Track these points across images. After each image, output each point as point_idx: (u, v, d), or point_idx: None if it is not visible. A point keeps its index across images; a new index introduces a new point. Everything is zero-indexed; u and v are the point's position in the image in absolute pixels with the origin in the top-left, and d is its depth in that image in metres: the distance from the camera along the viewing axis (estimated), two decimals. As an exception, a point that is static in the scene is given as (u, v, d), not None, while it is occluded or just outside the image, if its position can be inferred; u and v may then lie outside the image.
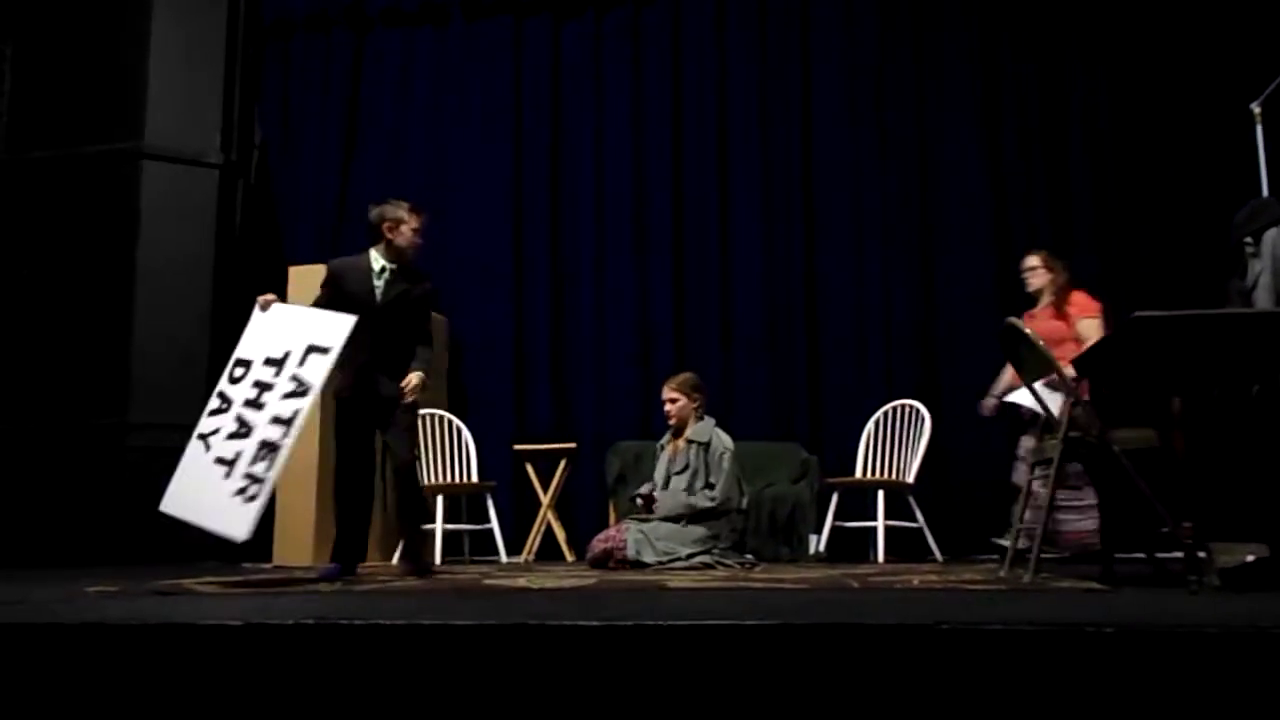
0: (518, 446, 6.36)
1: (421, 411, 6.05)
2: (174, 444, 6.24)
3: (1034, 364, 3.49)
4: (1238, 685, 1.69)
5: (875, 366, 6.47)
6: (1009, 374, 5.26)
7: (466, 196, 7.22)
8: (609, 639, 1.85)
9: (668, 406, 5.07)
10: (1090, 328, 5.10)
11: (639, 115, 7.06)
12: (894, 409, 5.91)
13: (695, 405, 5.06)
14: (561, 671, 1.84)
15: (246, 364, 4.07)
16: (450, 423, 6.16)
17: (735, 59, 7.00)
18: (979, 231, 6.48)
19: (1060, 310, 5.21)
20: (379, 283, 4.32)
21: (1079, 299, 5.22)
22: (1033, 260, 5.36)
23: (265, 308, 4.18)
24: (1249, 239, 3.71)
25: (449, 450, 6.08)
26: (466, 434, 6.15)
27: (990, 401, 5.35)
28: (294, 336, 4.04)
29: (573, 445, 6.27)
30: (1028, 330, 3.42)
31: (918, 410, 5.83)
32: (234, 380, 4.06)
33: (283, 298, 5.63)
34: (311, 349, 4.01)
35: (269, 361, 4.05)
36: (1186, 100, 6.20)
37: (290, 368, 3.98)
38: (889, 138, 6.70)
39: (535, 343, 6.95)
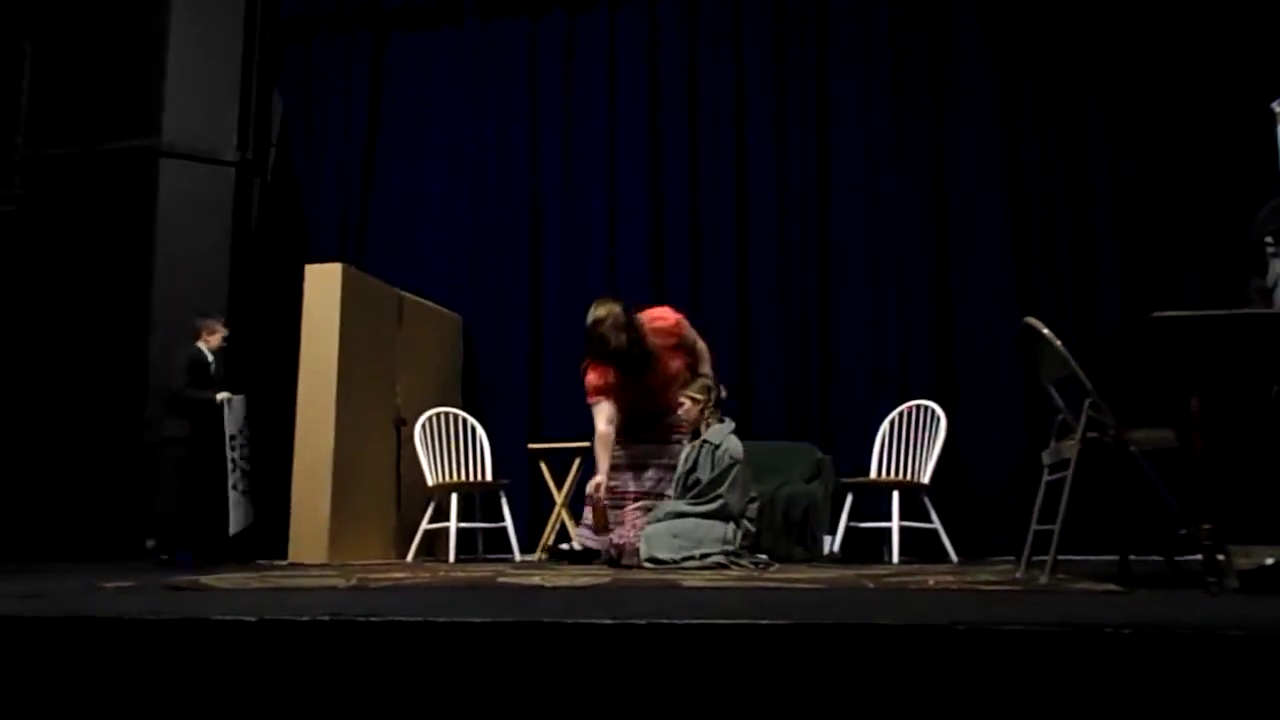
0: (532, 445, 6.36)
1: (437, 410, 6.10)
2: (191, 439, 6.30)
3: (1051, 364, 3.47)
4: (1258, 688, 1.67)
5: (891, 367, 6.45)
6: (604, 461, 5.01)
7: (483, 194, 7.24)
8: (623, 637, 1.84)
9: (678, 411, 5.04)
10: (689, 328, 4.99)
11: (654, 110, 7.07)
12: (909, 409, 5.88)
13: (702, 407, 5.01)
14: (575, 669, 1.84)
15: None
16: (465, 421, 6.17)
17: (751, 53, 6.98)
18: (996, 232, 6.44)
19: (663, 343, 4.97)
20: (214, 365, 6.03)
21: (655, 316, 4.97)
22: (601, 312, 4.93)
23: None
24: (1269, 238, 3.68)
25: (463, 448, 6.09)
26: (481, 432, 6.16)
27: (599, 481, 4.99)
28: None
29: (587, 444, 6.25)
30: (1044, 330, 3.39)
31: (933, 411, 5.80)
32: None
33: (298, 296, 5.70)
34: None
35: None
36: (1206, 99, 6.15)
37: None
38: (906, 136, 6.67)
39: (549, 341, 6.96)
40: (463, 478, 6.03)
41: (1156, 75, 6.33)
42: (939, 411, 5.78)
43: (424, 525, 5.80)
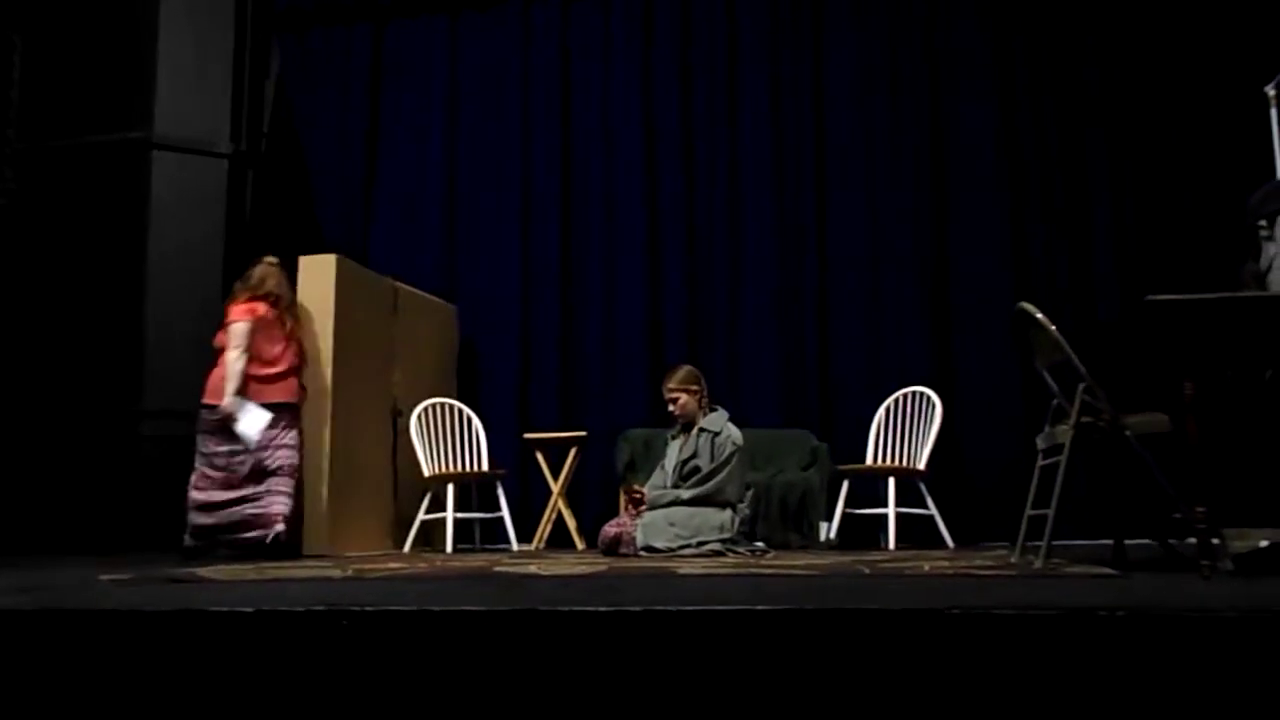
0: (527, 435, 6.36)
1: (432, 400, 6.10)
2: (186, 432, 6.32)
3: (1045, 349, 3.47)
4: (1252, 670, 1.68)
5: (886, 353, 6.45)
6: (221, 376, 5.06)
7: (478, 184, 7.23)
8: (619, 624, 1.85)
9: (672, 406, 5.04)
10: (236, 332, 5.02)
11: (649, 98, 7.06)
12: (905, 396, 5.89)
13: (699, 397, 5.02)
14: (572, 657, 1.85)
15: None
16: (460, 411, 6.16)
17: (745, 37, 6.96)
18: (993, 217, 6.44)
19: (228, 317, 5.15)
20: None
21: (237, 308, 5.11)
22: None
23: None
24: (1263, 222, 3.68)
25: (459, 439, 6.09)
26: (476, 423, 6.15)
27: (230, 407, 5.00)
28: None
29: (583, 433, 6.27)
30: (1039, 315, 3.39)
31: (929, 397, 5.81)
32: None
33: (292, 287, 5.67)
34: None
35: None
36: (1201, 84, 6.15)
37: None
38: (902, 122, 6.67)
39: (544, 330, 6.96)
40: (459, 468, 6.03)
41: (1152, 58, 6.33)
42: (934, 398, 5.79)
43: (420, 516, 5.80)
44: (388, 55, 7.52)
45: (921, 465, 5.67)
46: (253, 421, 5.01)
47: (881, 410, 5.93)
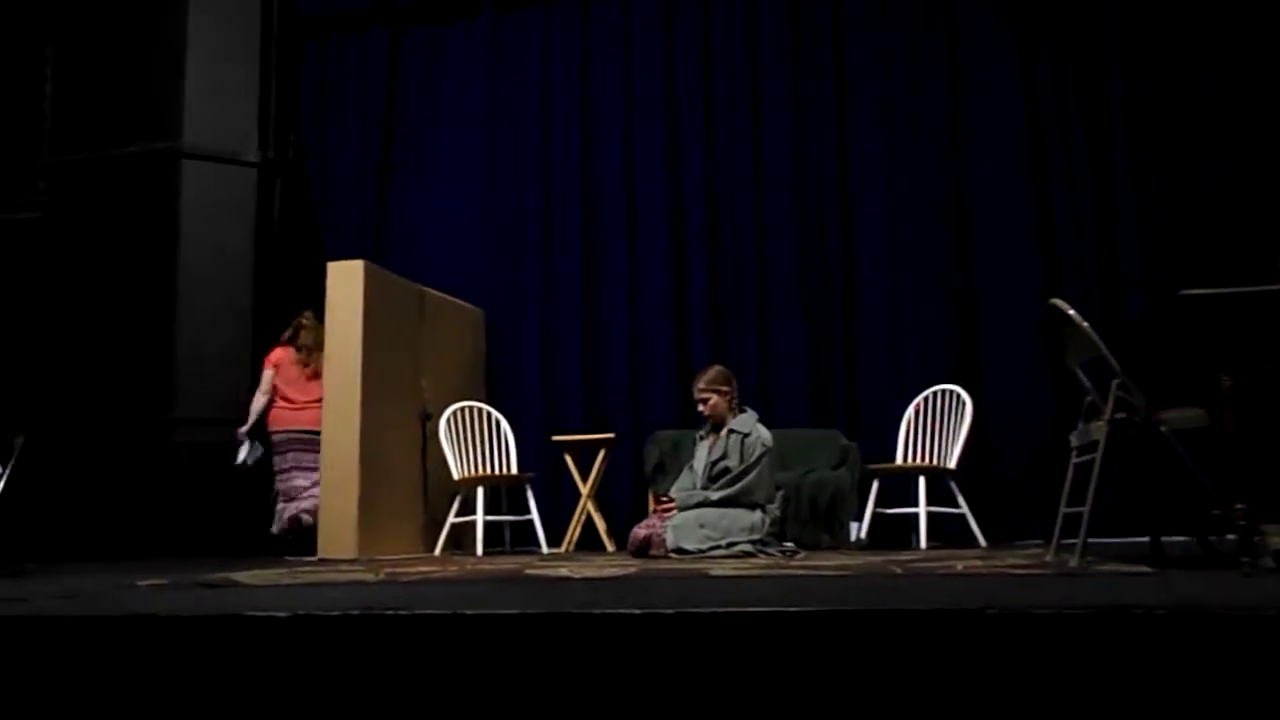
0: (556, 437, 6.37)
1: (461, 404, 6.12)
2: (218, 439, 6.40)
3: (1078, 346, 3.43)
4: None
5: (915, 351, 6.40)
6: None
7: (500, 187, 7.25)
8: (651, 627, 1.85)
9: (701, 407, 5.03)
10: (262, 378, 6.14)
11: (670, 98, 7.04)
12: (934, 394, 5.84)
13: (729, 398, 5.01)
14: (604, 659, 1.84)
15: None
16: (489, 414, 6.18)
17: (766, 33, 6.93)
18: (1019, 215, 6.37)
19: None
20: None
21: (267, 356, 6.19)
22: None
23: None
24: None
25: (488, 442, 6.11)
26: (505, 425, 6.17)
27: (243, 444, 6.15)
28: None
29: (611, 435, 6.27)
30: (1071, 311, 3.36)
31: (958, 395, 5.77)
32: None
33: (321, 293, 5.73)
34: None
35: None
36: (1231, 76, 6.06)
37: None
38: (925, 116, 6.61)
39: (570, 333, 6.96)
40: (488, 471, 6.05)
41: (1179, 48, 6.24)
42: (964, 396, 5.74)
43: (450, 519, 5.82)
44: (404, 59, 7.56)
45: (952, 464, 5.62)
46: (246, 451, 6.17)
47: (911, 409, 5.89)
